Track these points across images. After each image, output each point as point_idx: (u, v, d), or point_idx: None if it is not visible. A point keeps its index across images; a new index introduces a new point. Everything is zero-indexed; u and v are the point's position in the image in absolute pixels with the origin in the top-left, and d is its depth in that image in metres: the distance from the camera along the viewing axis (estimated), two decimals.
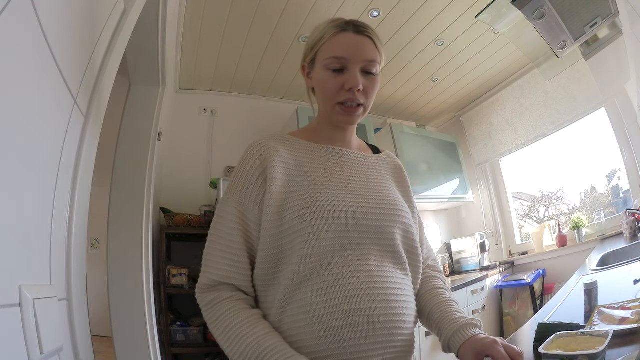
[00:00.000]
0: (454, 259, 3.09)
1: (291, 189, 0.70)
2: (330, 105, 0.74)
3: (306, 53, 0.78)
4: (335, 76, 0.72)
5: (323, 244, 0.66)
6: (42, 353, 0.50)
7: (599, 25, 1.72)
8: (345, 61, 0.71)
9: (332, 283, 0.65)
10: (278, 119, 2.67)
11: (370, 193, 0.75)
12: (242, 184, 0.72)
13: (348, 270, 0.66)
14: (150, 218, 1.77)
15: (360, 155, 0.82)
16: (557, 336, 0.65)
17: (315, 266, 0.66)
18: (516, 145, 2.92)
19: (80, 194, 0.74)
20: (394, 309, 0.67)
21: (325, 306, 0.63)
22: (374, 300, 0.65)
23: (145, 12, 1.21)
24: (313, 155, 0.77)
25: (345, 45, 0.71)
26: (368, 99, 0.74)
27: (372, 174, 0.81)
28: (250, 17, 1.94)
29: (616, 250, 1.77)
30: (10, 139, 0.47)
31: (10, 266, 0.47)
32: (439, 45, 2.34)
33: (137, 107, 1.84)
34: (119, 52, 0.95)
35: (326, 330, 0.62)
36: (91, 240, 4.50)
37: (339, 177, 0.75)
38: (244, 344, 0.61)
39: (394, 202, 0.76)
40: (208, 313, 0.68)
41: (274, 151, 0.72)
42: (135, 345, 1.60)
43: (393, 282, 0.69)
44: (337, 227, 0.67)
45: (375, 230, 0.71)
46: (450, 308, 0.73)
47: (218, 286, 0.69)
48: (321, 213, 0.67)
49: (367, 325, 0.64)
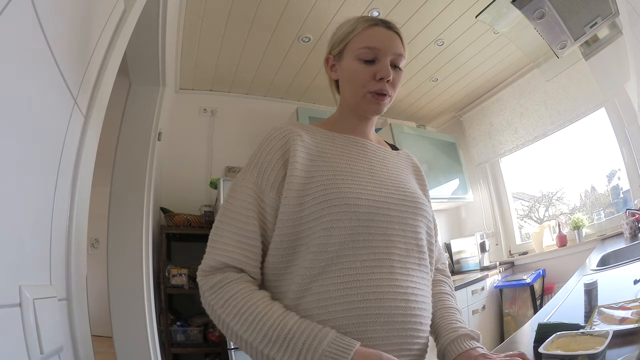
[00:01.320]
0: (454, 259, 3.09)
1: (313, 174, 0.69)
2: (361, 93, 0.74)
3: (333, 45, 0.79)
4: (366, 66, 0.73)
5: (344, 232, 0.63)
6: (42, 353, 0.50)
7: (599, 25, 1.72)
8: (377, 52, 0.73)
9: (351, 278, 0.62)
10: (278, 119, 2.67)
11: (394, 184, 0.74)
12: (259, 166, 0.70)
13: (369, 265, 0.63)
14: (150, 218, 1.77)
15: (380, 148, 0.82)
16: (557, 336, 0.65)
17: (334, 257, 0.63)
18: (516, 145, 2.92)
19: (80, 194, 0.74)
20: (413, 309, 0.64)
21: (342, 302, 0.61)
22: (394, 299, 0.62)
23: (145, 12, 1.21)
24: (334, 143, 0.76)
25: (377, 37, 0.73)
26: (394, 91, 0.76)
27: (394, 166, 0.80)
28: (250, 17, 1.94)
29: (616, 250, 1.77)
30: (10, 139, 0.47)
31: (10, 266, 0.47)
32: (439, 45, 2.34)
33: (137, 107, 1.84)
34: (119, 52, 0.95)
35: (341, 328, 0.59)
36: (91, 240, 4.49)
37: (361, 165, 0.74)
38: (265, 326, 0.58)
39: (416, 196, 0.74)
40: (215, 295, 0.63)
41: (297, 135, 0.72)
42: (135, 345, 1.61)
43: (414, 281, 0.66)
44: (360, 216, 0.65)
45: (399, 221, 0.68)
46: (451, 316, 0.73)
47: (225, 268, 0.65)
48: (344, 200, 0.65)
49: (384, 324, 0.61)
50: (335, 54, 0.79)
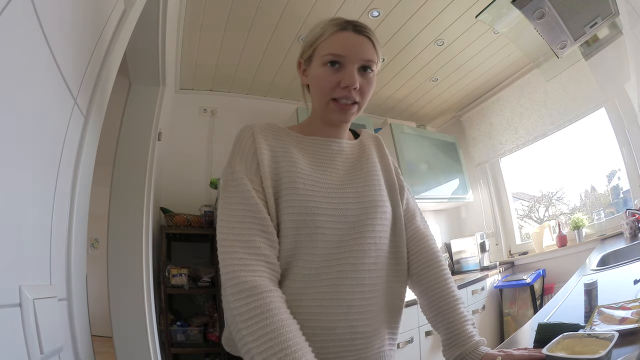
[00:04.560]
0: (454, 259, 3.09)
1: (279, 175, 0.70)
2: (324, 101, 0.73)
3: (304, 49, 0.78)
4: (332, 73, 0.71)
5: (297, 239, 0.67)
6: (42, 353, 0.50)
7: (599, 25, 1.72)
8: (343, 59, 0.71)
9: (302, 284, 0.66)
10: (278, 119, 2.67)
11: (354, 187, 0.75)
12: (240, 158, 0.72)
13: (320, 272, 0.67)
14: (150, 218, 1.77)
15: (349, 145, 0.82)
16: (563, 337, 0.64)
17: (291, 261, 0.67)
18: (516, 145, 2.92)
19: (80, 194, 0.74)
20: (355, 327, 0.67)
21: (295, 311, 0.60)
22: (336, 312, 0.65)
23: (145, 12, 1.21)
24: (300, 146, 0.77)
25: (344, 43, 0.71)
26: (363, 98, 0.74)
27: (359, 163, 0.80)
28: (250, 17, 1.94)
29: (616, 250, 1.77)
30: (10, 139, 0.47)
31: (10, 266, 0.47)
32: (439, 45, 2.34)
33: (137, 107, 1.84)
34: (119, 52, 0.95)
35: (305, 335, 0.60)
36: (91, 240, 4.49)
37: (323, 169, 0.75)
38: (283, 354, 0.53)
39: (374, 199, 0.75)
40: (243, 302, 0.57)
41: (260, 136, 0.73)
42: (135, 345, 1.60)
43: (363, 291, 0.68)
44: (318, 224, 0.68)
45: (356, 226, 0.71)
46: (462, 318, 0.74)
47: (254, 264, 0.61)
48: (300, 209, 0.68)
49: (329, 341, 0.64)
50: (305, 59, 0.77)
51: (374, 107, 3.11)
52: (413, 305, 1.84)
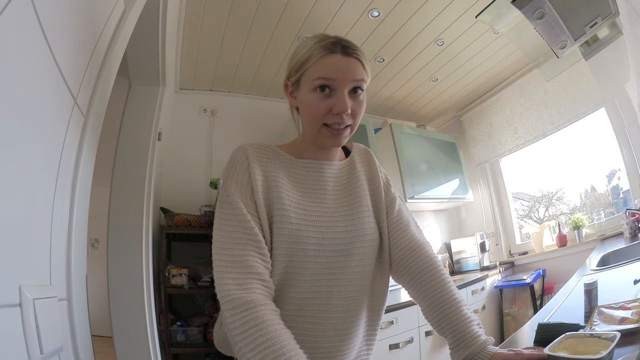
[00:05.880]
0: (454, 259, 3.09)
1: (270, 200, 0.72)
2: (316, 127, 0.73)
3: (291, 72, 0.76)
4: (322, 99, 0.71)
5: (288, 265, 0.71)
6: (42, 353, 0.50)
7: (599, 25, 1.72)
8: (333, 82, 0.70)
9: (293, 307, 0.70)
10: (278, 119, 2.67)
11: (343, 214, 0.77)
12: (234, 182, 0.73)
13: (309, 297, 0.72)
14: (150, 218, 1.77)
15: (339, 165, 0.83)
16: (565, 337, 0.64)
17: (283, 284, 0.71)
18: (516, 145, 2.92)
19: (80, 194, 0.74)
20: (339, 341, 0.73)
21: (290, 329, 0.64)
22: (324, 335, 0.72)
23: (145, 12, 1.21)
24: (290, 170, 0.78)
25: (334, 67, 0.70)
26: (355, 120, 0.74)
27: (349, 187, 0.82)
28: (250, 17, 1.94)
29: (616, 250, 1.77)
30: (10, 139, 0.47)
31: (10, 266, 0.47)
32: (439, 45, 2.34)
33: (137, 107, 1.84)
34: (119, 52, 0.95)
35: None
36: (91, 240, 4.49)
37: (313, 196, 0.77)
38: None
39: (362, 228, 0.78)
40: (237, 317, 0.59)
41: (254, 158, 0.75)
42: (135, 345, 1.60)
43: (349, 315, 0.74)
44: (308, 252, 0.71)
45: (344, 254, 0.74)
46: (466, 319, 0.73)
47: (248, 282, 0.62)
48: (290, 237, 0.70)
49: (310, 355, 0.65)
50: (292, 82, 0.77)
51: (374, 107, 3.11)
52: (413, 306, 1.84)
